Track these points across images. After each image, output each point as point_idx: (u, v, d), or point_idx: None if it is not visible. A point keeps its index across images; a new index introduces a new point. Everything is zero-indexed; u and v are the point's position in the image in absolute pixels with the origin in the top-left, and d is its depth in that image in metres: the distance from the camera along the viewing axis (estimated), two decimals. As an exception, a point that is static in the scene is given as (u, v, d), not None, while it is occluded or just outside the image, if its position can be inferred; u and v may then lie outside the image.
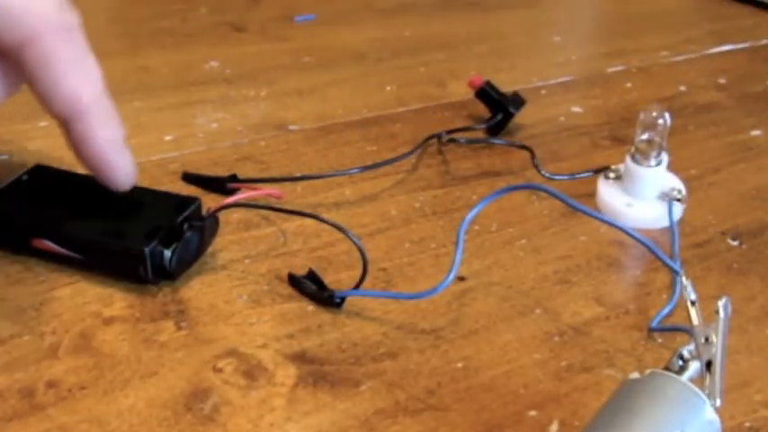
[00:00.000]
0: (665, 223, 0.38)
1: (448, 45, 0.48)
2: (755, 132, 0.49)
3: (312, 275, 0.33)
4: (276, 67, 0.53)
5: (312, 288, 0.33)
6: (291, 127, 0.46)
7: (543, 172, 0.41)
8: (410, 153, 0.42)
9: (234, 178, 0.39)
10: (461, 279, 0.34)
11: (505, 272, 0.35)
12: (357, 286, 0.32)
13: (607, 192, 0.40)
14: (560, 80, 0.54)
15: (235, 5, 0.63)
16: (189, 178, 0.40)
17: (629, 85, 0.54)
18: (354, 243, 0.32)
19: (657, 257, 0.33)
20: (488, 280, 0.34)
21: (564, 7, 0.69)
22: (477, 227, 0.38)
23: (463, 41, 0.49)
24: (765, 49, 0.62)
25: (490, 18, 0.62)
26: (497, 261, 0.36)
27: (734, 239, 0.38)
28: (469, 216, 0.32)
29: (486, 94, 0.47)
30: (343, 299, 0.32)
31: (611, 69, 0.56)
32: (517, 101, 0.46)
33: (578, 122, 0.48)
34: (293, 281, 0.33)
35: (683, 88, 0.54)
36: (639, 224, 0.38)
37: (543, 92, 0.51)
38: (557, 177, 0.41)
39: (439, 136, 0.44)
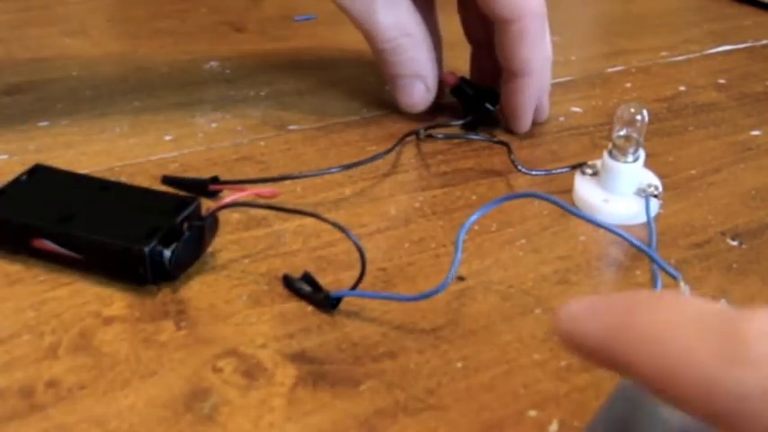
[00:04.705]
0: (642, 219, 0.39)
1: (447, 45, 0.48)
2: (755, 132, 0.49)
3: (307, 277, 0.33)
4: (276, 67, 0.53)
5: (307, 290, 0.32)
6: (291, 127, 0.46)
7: (520, 167, 0.42)
8: (389, 151, 0.42)
9: (215, 180, 0.38)
10: (461, 279, 0.34)
11: (505, 272, 0.35)
12: (354, 287, 0.32)
13: (584, 187, 0.40)
14: (560, 80, 0.54)
15: (235, 5, 0.63)
16: (169, 181, 0.39)
17: (628, 85, 0.54)
18: (354, 243, 0.32)
19: (659, 266, 0.33)
20: (488, 280, 0.34)
21: (564, 7, 0.69)
22: (476, 227, 0.38)
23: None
24: (765, 49, 0.62)
25: (490, 18, 0.62)
26: (497, 261, 0.36)
27: (734, 239, 0.38)
28: (468, 224, 0.33)
29: (463, 91, 0.47)
30: (338, 300, 0.32)
31: (611, 69, 0.56)
32: (494, 96, 0.46)
33: (578, 122, 0.48)
34: (288, 282, 0.33)
35: (682, 88, 0.54)
36: (616, 219, 0.39)
37: (543, 92, 0.51)
38: (533, 173, 0.42)
39: (417, 133, 0.45)
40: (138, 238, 0.32)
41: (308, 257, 0.35)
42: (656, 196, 0.39)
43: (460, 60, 0.50)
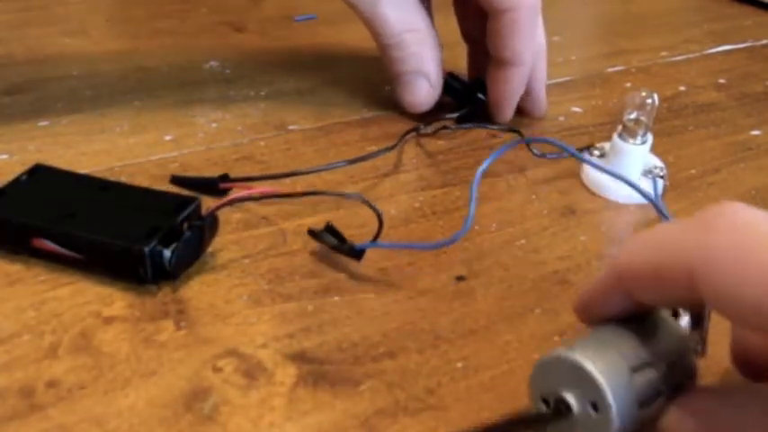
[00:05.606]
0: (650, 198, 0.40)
1: (447, 45, 0.48)
2: (755, 132, 0.49)
3: (330, 228, 0.34)
4: (276, 67, 0.53)
5: (333, 241, 0.34)
6: (291, 127, 0.46)
7: (534, 150, 0.44)
8: (392, 147, 0.43)
9: (225, 178, 0.38)
10: (461, 279, 0.34)
11: (505, 272, 0.35)
12: (375, 239, 0.34)
13: (593, 168, 0.41)
14: (560, 80, 0.54)
15: (235, 5, 0.63)
16: (178, 181, 0.39)
17: (628, 85, 0.54)
18: (372, 207, 0.34)
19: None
20: (488, 280, 0.34)
21: (564, 7, 0.69)
22: (477, 227, 0.38)
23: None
24: (765, 49, 0.62)
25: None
26: (497, 261, 0.36)
27: (734, 239, 0.38)
28: (482, 167, 0.37)
29: (451, 86, 0.47)
30: (363, 252, 0.34)
31: (611, 69, 0.56)
32: (483, 86, 0.47)
33: (578, 122, 0.48)
34: (313, 234, 0.35)
35: (682, 88, 0.54)
36: (625, 199, 0.40)
37: (543, 92, 0.51)
38: (548, 156, 0.43)
39: (417, 129, 0.45)
40: (138, 238, 0.32)
41: (309, 257, 0.35)
42: (661, 177, 0.40)
43: (459, 59, 0.50)
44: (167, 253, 0.32)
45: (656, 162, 0.42)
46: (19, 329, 0.30)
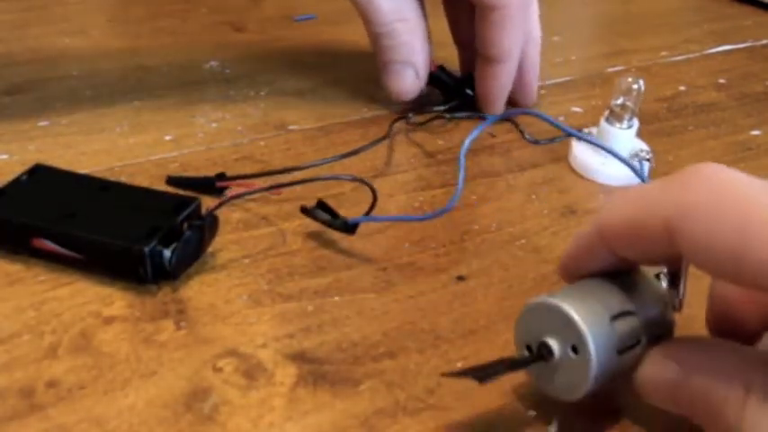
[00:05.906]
0: (636, 181, 0.41)
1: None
2: (755, 132, 0.49)
3: (322, 204, 0.35)
4: (276, 67, 0.53)
5: (325, 216, 0.35)
6: (291, 127, 0.46)
7: (527, 136, 0.45)
8: (384, 138, 0.43)
9: (222, 176, 0.38)
10: (461, 279, 0.34)
11: (505, 272, 0.35)
12: (367, 213, 0.35)
13: (582, 152, 0.43)
14: (560, 80, 0.54)
15: (235, 5, 0.63)
16: (174, 182, 0.39)
17: (629, 85, 0.54)
18: (367, 185, 0.35)
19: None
20: (488, 280, 0.34)
21: (564, 7, 0.69)
22: (476, 227, 0.38)
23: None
24: (765, 49, 0.62)
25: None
26: (497, 261, 0.36)
27: (734, 239, 0.38)
28: (471, 136, 0.38)
29: (441, 80, 0.47)
30: (356, 226, 0.34)
31: (611, 69, 0.56)
32: (473, 81, 0.47)
33: (578, 122, 0.48)
34: (306, 212, 0.35)
35: (682, 88, 0.54)
36: (613, 181, 0.42)
37: (543, 92, 0.51)
38: (541, 142, 0.45)
39: (406, 118, 0.45)
40: (138, 238, 0.32)
41: (309, 257, 0.35)
42: (648, 160, 0.42)
43: (455, 58, 0.50)
44: (167, 253, 0.32)
45: (642, 146, 0.43)
46: (19, 329, 0.30)
